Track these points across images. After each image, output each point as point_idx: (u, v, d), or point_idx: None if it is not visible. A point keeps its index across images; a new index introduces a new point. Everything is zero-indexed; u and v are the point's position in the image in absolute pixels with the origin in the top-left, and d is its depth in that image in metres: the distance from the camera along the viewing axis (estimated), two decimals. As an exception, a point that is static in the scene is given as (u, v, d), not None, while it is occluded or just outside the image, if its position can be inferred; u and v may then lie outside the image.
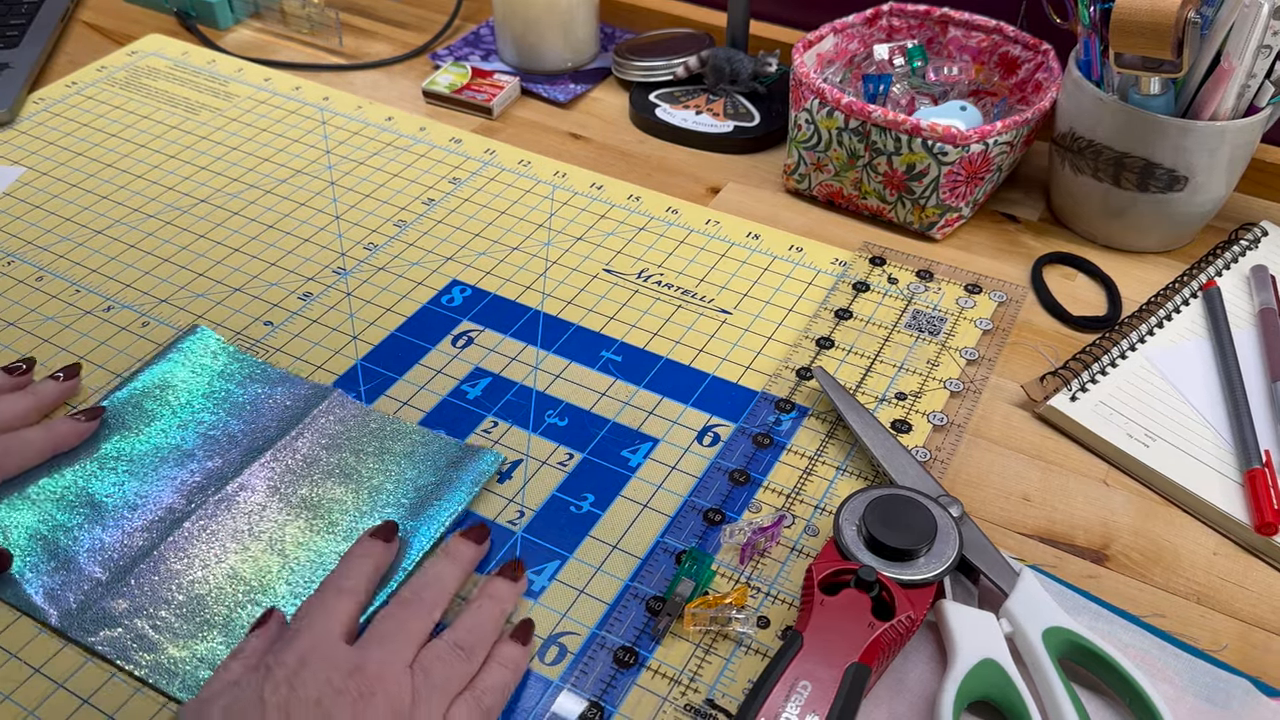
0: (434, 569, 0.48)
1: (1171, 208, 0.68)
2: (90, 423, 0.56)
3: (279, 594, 0.50)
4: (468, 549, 0.50)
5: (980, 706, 0.45)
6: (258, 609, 0.49)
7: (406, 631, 0.44)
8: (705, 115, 0.83)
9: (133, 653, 0.47)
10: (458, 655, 0.44)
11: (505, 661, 0.46)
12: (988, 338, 0.64)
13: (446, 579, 0.48)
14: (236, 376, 0.61)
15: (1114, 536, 0.54)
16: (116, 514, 0.53)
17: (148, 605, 0.49)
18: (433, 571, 0.48)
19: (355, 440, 0.57)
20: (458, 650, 0.44)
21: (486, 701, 0.44)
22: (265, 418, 0.58)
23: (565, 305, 0.67)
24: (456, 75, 0.88)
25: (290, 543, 0.52)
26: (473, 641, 0.45)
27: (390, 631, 0.44)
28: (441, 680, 0.43)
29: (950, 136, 0.66)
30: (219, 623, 0.48)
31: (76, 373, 0.60)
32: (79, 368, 0.60)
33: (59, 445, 0.55)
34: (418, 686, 0.42)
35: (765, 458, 0.57)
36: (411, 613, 0.45)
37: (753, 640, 0.48)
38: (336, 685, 0.40)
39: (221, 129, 0.83)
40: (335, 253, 0.71)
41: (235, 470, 0.55)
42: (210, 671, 0.46)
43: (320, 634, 0.42)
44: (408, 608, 0.45)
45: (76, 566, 0.51)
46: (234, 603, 0.49)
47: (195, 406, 0.59)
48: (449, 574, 0.48)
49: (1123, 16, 0.60)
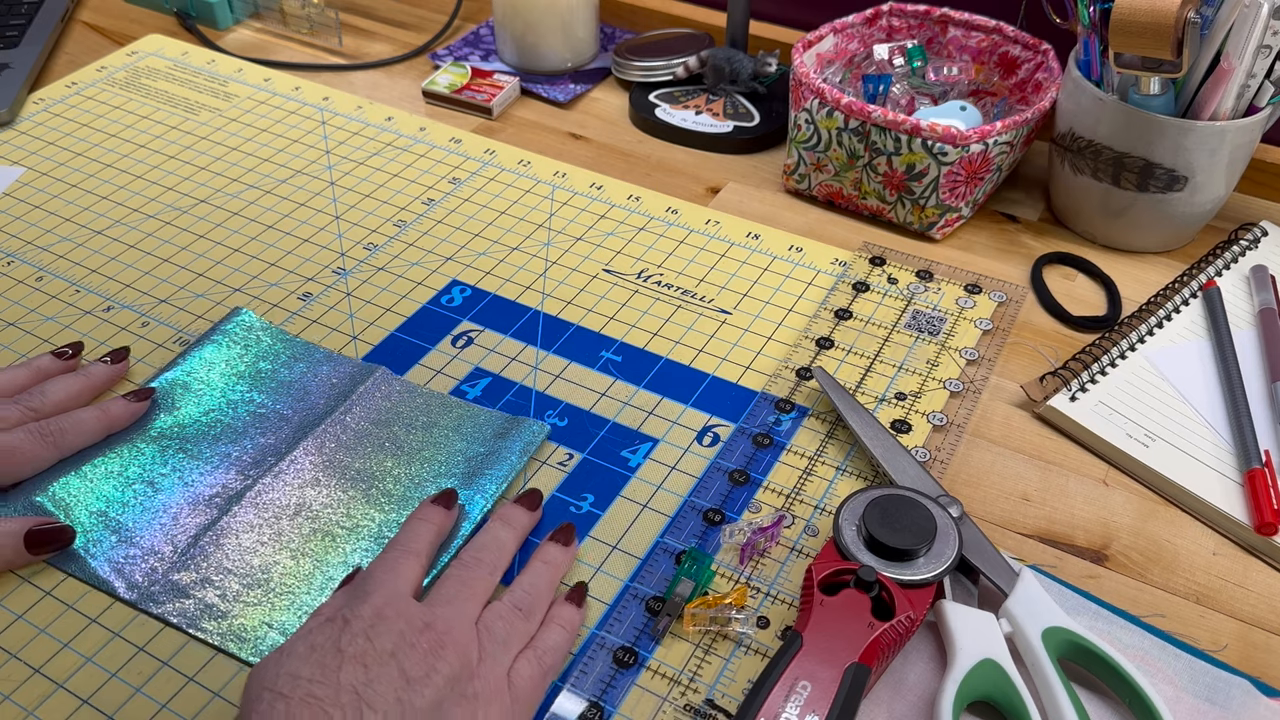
0: (491, 533, 0.50)
1: (1171, 208, 0.68)
2: (141, 403, 0.58)
3: (339, 562, 0.51)
4: (522, 514, 0.52)
5: (980, 706, 0.45)
6: (320, 576, 0.51)
7: (470, 591, 0.46)
8: (705, 115, 0.83)
9: (203, 621, 0.49)
10: (518, 615, 0.46)
11: (563, 622, 0.48)
12: (988, 338, 0.64)
13: (504, 542, 0.50)
14: (282, 356, 0.62)
15: (1114, 536, 0.54)
16: (174, 491, 0.54)
17: (214, 576, 0.51)
18: (490, 535, 0.50)
19: (403, 415, 0.58)
20: (517, 611, 0.46)
21: (547, 661, 0.46)
22: (313, 395, 0.60)
23: (565, 305, 0.67)
24: (456, 75, 0.88)
25: (347, 513, 0.53)
26: (531, 602, 0.47)
27: (455, 592, 0.45)
28: (504, 637, 0.45)
29: (950, 136, 0.66)
30: (284, 590, 0.50)
31: (125, 356, 0.61)
32: (127, 351, 0.61)
33: (112, 425, 0.57)
34: (483, 643, 0.44)
35: (765, 458, 0.57)
36: (473, 574, 0.47)
37: (752, 640, 0.48)
38: (409, 639, 0.41)
39: (221, 129, 0.83)
40: (335, 253, 0.71)
41: (288, 446, 0.56)
42: (279, 636, 0.48)
43: (391, 592, 0.44)
44: (470, 569, 0.47)
45: (139, 541, 0.52)
46: (297, 570, 0.51)
47: (244, 386, 0.60)
48: (506, 537, 0.50)
49: (1122, 16, 0.60)
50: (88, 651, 0.48)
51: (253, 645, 0.48)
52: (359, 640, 0.40)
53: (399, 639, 0.41)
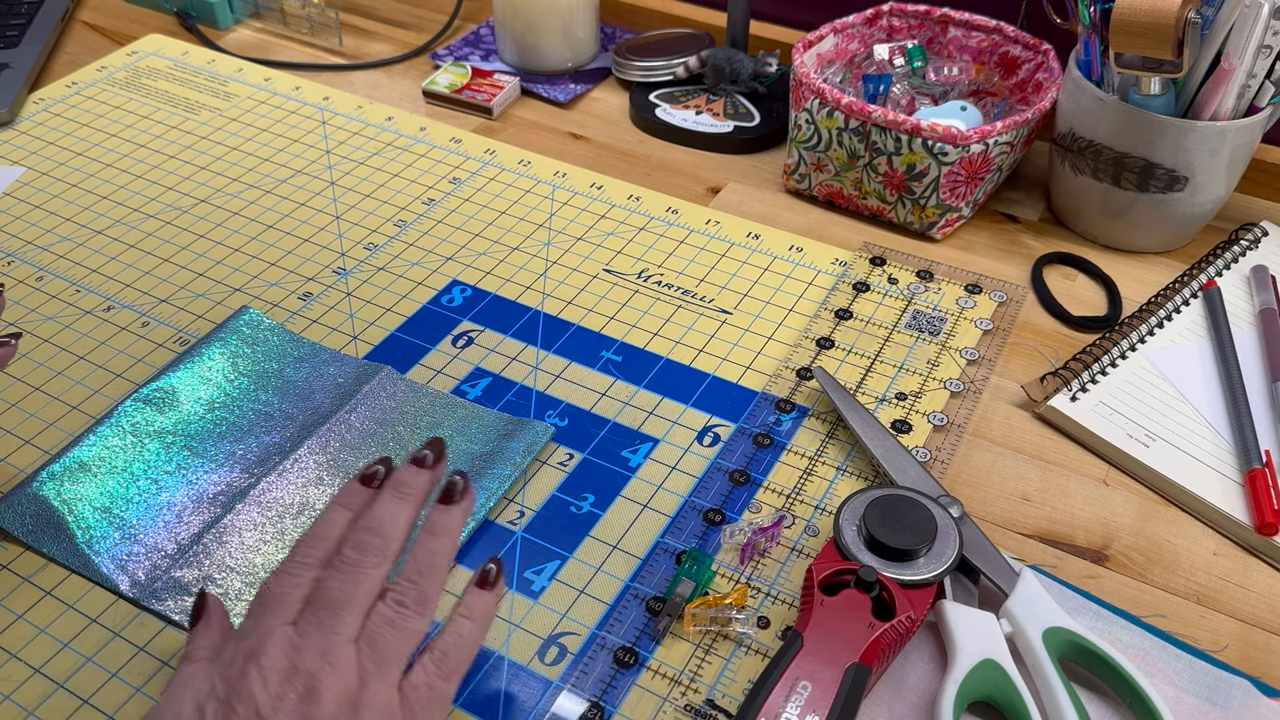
0: (376, 512, 0.42)
1: (1172, 208, 0.68)
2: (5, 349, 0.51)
3: None
4: (419, 478, 0.43)
5: (980, 707, 0.45)
6: None
7: (349, 599, 0.39)
8: (705, 115, 0.83)
9: None
10: (403, 615, 0.40)
11: (471, 613, 0.42)
12: (988, 338, 0.64)
13: (395, 518, 0.42)
14: (289, 356, 0.62)
15: (1114, 537, 0.54)
16: (178, 489, 0.55)
17: (216, 574, 0.51)
18: (377, 514, 0.42)
19: (408, 415, 0.58)
20: (402, 609, 0.40)
21: (448, 664, 0.40)
22: (319, 394, 0.60)
23: (565, 305, 0.67)
24: (456, 75, 0.88)
25: None
26: (419, 594, 0.41)
27: (335, 603, 0.39)
28: (390, 649, 0.39)
29: (950, 136, 0.66)
30: None
31: None
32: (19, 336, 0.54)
33: None
34: (364, 664, 0.38)
35: (765, 458, 0.57)
36: (356, 574, 0.40)
37: (753, 640, 0.48)
38: (277, 690, 0.37)
39: (221, 129, 0.83)
40: (335, 253, 0.71)
41: (293, 445, 0.56)
42: None
43: (265, 629, 0.39)
44: (350, 568, 0.40)
45: (142, 538, 0.52)
46: None
47: (250, 385, 0.60)
48: (396, 513, 0.42)
49: (1123, 16, 0.60)
50: (88, 651, 0.48)
51: None
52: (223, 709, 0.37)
53: (264, 693, 0.37)
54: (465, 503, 0.43)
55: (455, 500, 0.43)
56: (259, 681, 0.37)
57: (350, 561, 0.40)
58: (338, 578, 0.40)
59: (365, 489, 0.43)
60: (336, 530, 0.42)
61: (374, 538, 0.41)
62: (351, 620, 0.39)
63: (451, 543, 0.42)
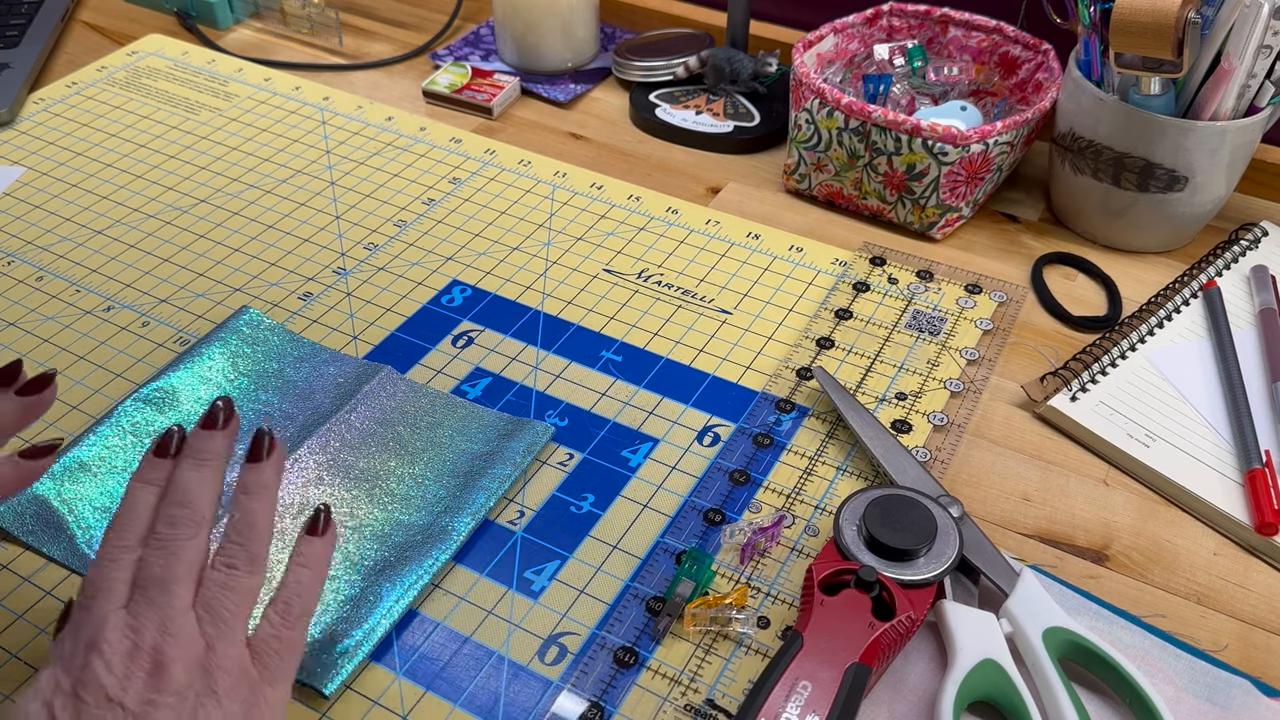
0: (180, 484, 0.41)
1: (1171, 208, 0.68)
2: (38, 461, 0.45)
3: (341, 561, 0.51)
4: (212, 441, 0.42)
5: (980, 707, 0.45)
6: None
7: (174, 574, 0.39)
8: (705, 115, 0.83)
9: None
10: (236, 575, 0.40)
11: (306, 561, 0.43)
12: (988, 338, 0.64)
13: (201, 484, 0.41)
14: (289, 356, 0.62)
15: (1114, 536, 0.54)
16: None
17: None
18: (179, 487, 0.41)
19: (408, 415, 0.58)
20: (233, 571, 0.40)
21: (292, 612, 0.41)
22: (319, 395, 0.60)
23: (565, 305, 0.67)
24: (456, 75, 0.88)
25: (350, 512, 0.53)
26: (247, 553, 0.41)
27: (160, 578, 0.39)
28: (228, 610, 0.39)
29: (950, 136, 0.66)
30: None
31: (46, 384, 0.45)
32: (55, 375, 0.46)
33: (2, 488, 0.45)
34: (206, 630, 0.38)
35: (765, 458, 0.57)
36: (176, 546, 0.40)
37: (753, 640, 0.48)
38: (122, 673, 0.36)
39: (221, 129, 0.83)
40: (335, 253, 0.71)
41: (293, 445, 0.56)
42: None
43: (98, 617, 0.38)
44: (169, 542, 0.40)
45: None
46: None
47: (250, 384, 0.60)
48: (201, 480, 0.41)
49: (1123, 16, 0.60)
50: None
51: None
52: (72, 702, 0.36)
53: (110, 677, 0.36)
54: (275, 458, 0.43)
55: (264, 457, 0.43)
56: (102, 667, 0.37)
57: (165, 538, 0.40)
58: (157, 555, 0.40)
59: (162, 460, 0.42)
60: (143, 508, 0.41)
61: (182, 509, 0.41)
62: (183, 592, 0.39)
63: (269, 498, 0.42)
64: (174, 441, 0.43)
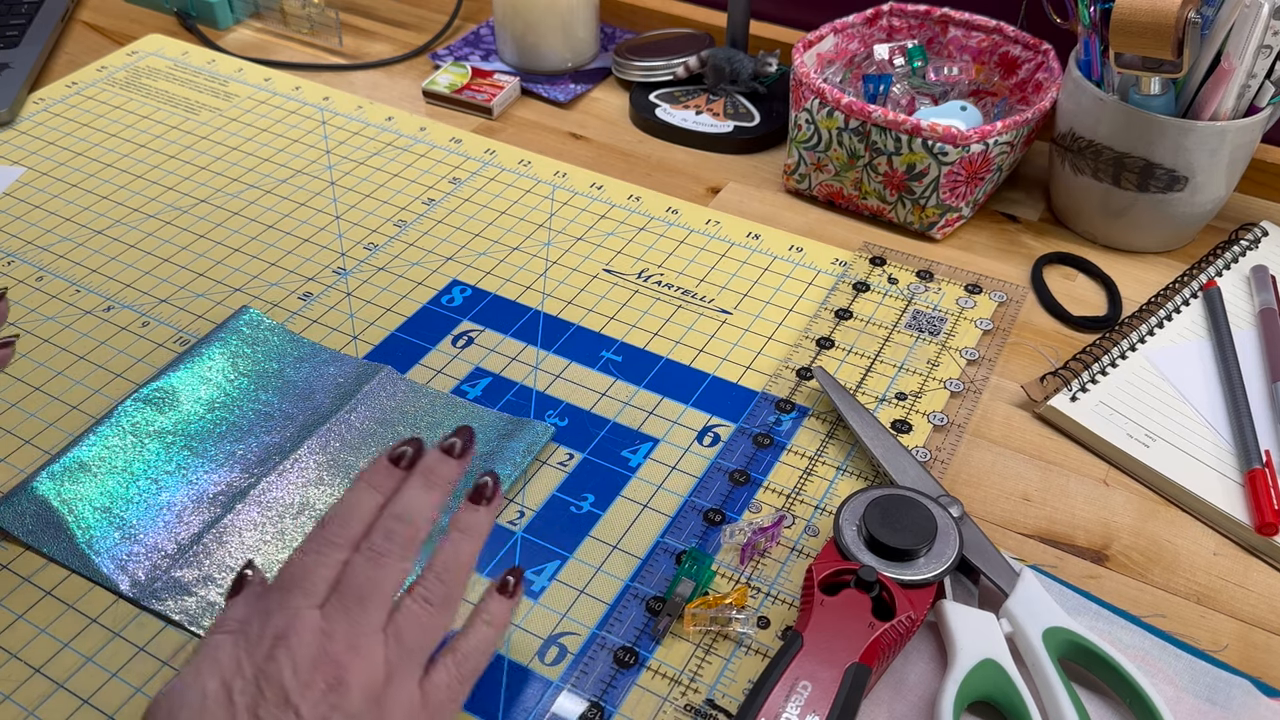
0: (406, 500, 0.41)
1: (1171, 208, 0.68)
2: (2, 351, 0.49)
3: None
4: (447, 468, 0.43)
5: (980, 707, 0.45)
6: None
7: (378, 592, 0.39)
8: (705, 115, 0.83)
9: (204, 619, 0.49)
10: (429, 611, 0.40)
11: (491, 618, 0.42)
12: (988, 338, 0.64)
13: (422, 510, 0.41)
14: (289, 356, 0.62)
15: (1114, 536, 0.54)
16: (178, 489, 0.55)
17: (216, 574, 0.51)
18: (405, 502, 0.41)
19: (408, 415, 0.58)
20: (428, 606, 0.40)
21: (468, 666, 0.41)
22: (319, 395, 0.60)
23: (565, 305, 0.67)
24: (456, 75, 0.88)
25: None
26: (445, 592, 0.40)
27: (363, 591, 0.39)
28: (416, 644, 0.39)
29: (950, 136, 0.66)
30: None
31: None
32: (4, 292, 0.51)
33: None
34: (390, 657, 0.38)
35: (765, 458, 0.57)
36: (383, 566, 0.39)
37: (753, 640, 0.48)
38: (305, 678, 0.36)
39: (221, 129, 0.83)
40: (335, 253, 0.71)
41: (293, 445, 0.56)
42: None
43: (294, 611, 0.38)
44: (378, 560, 0.40)
45: (142, 538, 0.52)
46: None
47: (250, 384, 0.60)
48: (424, 504, 0.41)
49: (1123, 16, 0.60)
50: (88, 651, 0.48)
51: None
52: (251, 689, 0.36)
53: (293, 680, 0.36)
54: (494, 504, 0.43)
55: (484, 501, 0.43)
56: (289, 666, 0.37)
57: (379, 549, 0.40)
58: (366, 565, 0.39)
59: (393, 469, 0.42)
60: (364, 512, 0.41)
61: (402, 525, 0.40)
62: (378, 612, 0.39)
63: (478, 544, 0.42)
64: (410, 454, 0.43)
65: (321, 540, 0.40)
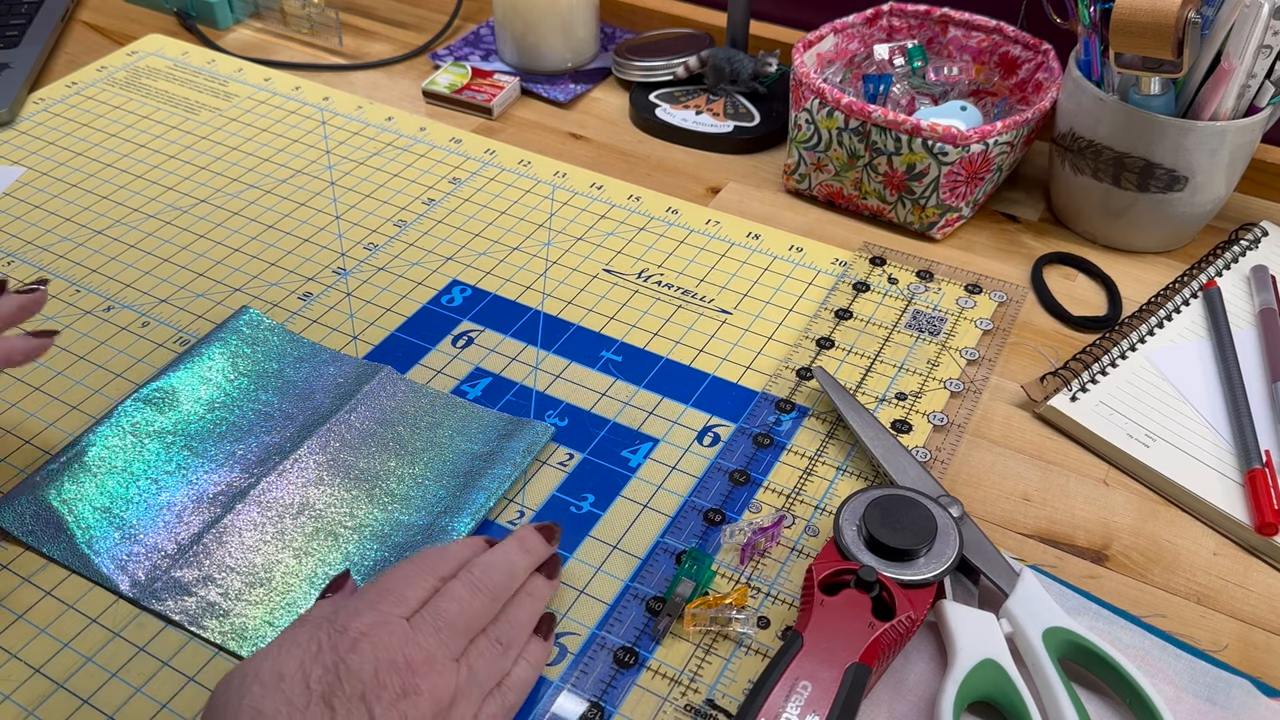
0: (507, 555, 0.47)
1: (1171, 208, 0.68)
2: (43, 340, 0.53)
3: (342, 561, 0.51)
4: (540, 544, 0.49)
5: (980, 707, 0.45)
6: (322, 575, 0.51)
7: (467, 621, 0.43)
8: (705, 115, 0.83)
9: (204, 619, 0.49)
10: (498, 651, 0.44)
11: (531, 658, 0.46)
12: (988, 338, 0.64)
13: (516, 569, 0.47)
14: (289, 356, 0.62)
15: (1114, 536, 0.54)
16: (178, 489, 0.55)
17: (216, 574, 0.51)
18: (505, 557, 0.47)
19: (408, 415, 0.58)
20: (498, 646, 0.44)
21: (511, 699, 0.44)
22: (319, 395, 0.60)
23: (565, 305, 0.67)
24: (456, 75, 0.88)
25: (350, 512, 0.54)
26: (511, 637, 0.45)
27: (452, 617, 0.42)
28: (484, 678, 0.43)
29: (950, 136, 0.66)
30: (286, 589, 0.50)
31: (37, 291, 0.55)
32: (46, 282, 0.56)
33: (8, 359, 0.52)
34: (461, 684, 0.41)
35: (765, 458, 0.57)
36: (477, 600, 0.44)
37: (753, 640, 0.48)
38: (382, 679, 0.39)
39: (221, 129, 0.83)
40: (335, 253, 0.71)
41: (293, 445, 0.56)
42: None
43: (380, 617, 0.41)
44: (475, 593, 0.44)
45: (142, 538, 0.52)
46: (300, 570, 0.51)
47: (250, 385, 0.60)
48: (520, 565, 0.47)
49: (1123, 16, 0.60)
50: (88, 651, 0.48)
51: (253, 644, 0.48)
52: (329, 677, 0.38)
53: (371, 678, 0.39)
54: (555, 580, 0.49)
55: (553, 575, 0.49)
56: (370, 662, 0.39)
57: (477, 583, 0.44)
58: (460, 594, 0.44)
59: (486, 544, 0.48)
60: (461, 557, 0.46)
61: (500, 575, 0.45)
62: (459, 640, 0.42)
63: (540, 607, 0.47)
64: None
65: (419, 564, 0.44)
